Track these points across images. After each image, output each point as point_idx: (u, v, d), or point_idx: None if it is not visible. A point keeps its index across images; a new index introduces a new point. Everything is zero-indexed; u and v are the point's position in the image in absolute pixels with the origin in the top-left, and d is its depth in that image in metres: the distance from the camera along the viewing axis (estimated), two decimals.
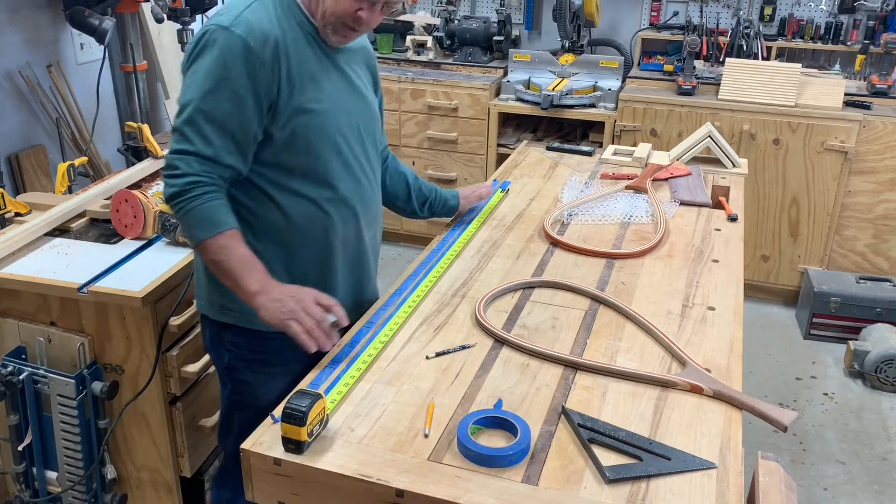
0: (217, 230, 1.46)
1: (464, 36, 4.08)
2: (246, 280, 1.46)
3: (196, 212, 1.45)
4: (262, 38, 1.44)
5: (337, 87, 1.58)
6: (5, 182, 3.31)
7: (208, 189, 1.46)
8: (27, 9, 3.42)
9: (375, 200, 1.74)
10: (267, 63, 1.45)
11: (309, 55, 1.53)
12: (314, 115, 1.53)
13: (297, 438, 1.21)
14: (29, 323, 1.93)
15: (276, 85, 1.47)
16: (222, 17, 1.46)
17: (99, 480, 2.02)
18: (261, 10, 1.48)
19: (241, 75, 1.43)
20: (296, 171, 1.55)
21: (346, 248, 1.66)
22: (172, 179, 1.46)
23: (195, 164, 1.45)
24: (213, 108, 1.44)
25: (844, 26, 3.82)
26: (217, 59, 1.43)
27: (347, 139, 1.60)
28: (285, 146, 1.52)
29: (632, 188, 2.32)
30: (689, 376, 1.42)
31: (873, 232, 3.58)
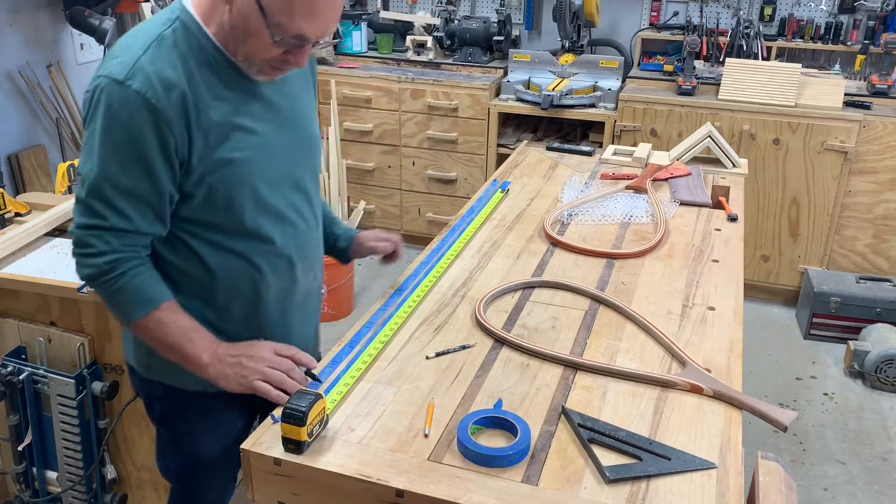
0: (152, 306, 1.33)
1: (464, 36, 4.08)
2: (193, 353, 1.35)
3: (124, 291, 1.31)
4: (165, 90, 1.24)
5: (261, 126, 1.38)
6: (5, 182, 3.31)
7: (132, 264, 1.32)
8: (27, 9, 3.42)
9: (313, 241, 1.56)
10: (173, 119, 1.25)
11: (223, 99, 1.32)
12: (234, 167, 1.33)
13: (297, 438, 1.21)
14: (29, 323, 1.93)
15: (186, 141, 1.28)
16: (114, 66, 1.25)
17: (99, 480, 2.02)
18: (160, 54, 1.26)
19: (146, 137, 1.25)
20: (220, 226, 1.38)
21: (279, 299, 1.49)
22: (88, 259, 1.30)
23: (111, 238, 1.29)
24: (120, 175, 1.27)
25: (844, 26, 3.82)
26: (115, 121, 1.24)
27: (276, 184, 1.41)
28: (205, 203, 1.35)
29: (632, 188, 2.32)
30: (689, 376, 1.42)
31: (873, 232, 3.58)
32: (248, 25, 1.25)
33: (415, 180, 4.13)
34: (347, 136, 4.09)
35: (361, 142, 4.12)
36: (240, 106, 1.34)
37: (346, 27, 4.24)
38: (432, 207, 4.15)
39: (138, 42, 1.28)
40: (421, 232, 4.21)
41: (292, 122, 1.45)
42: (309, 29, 1.25)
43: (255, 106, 1.37)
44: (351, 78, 4.02)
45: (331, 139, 3.55)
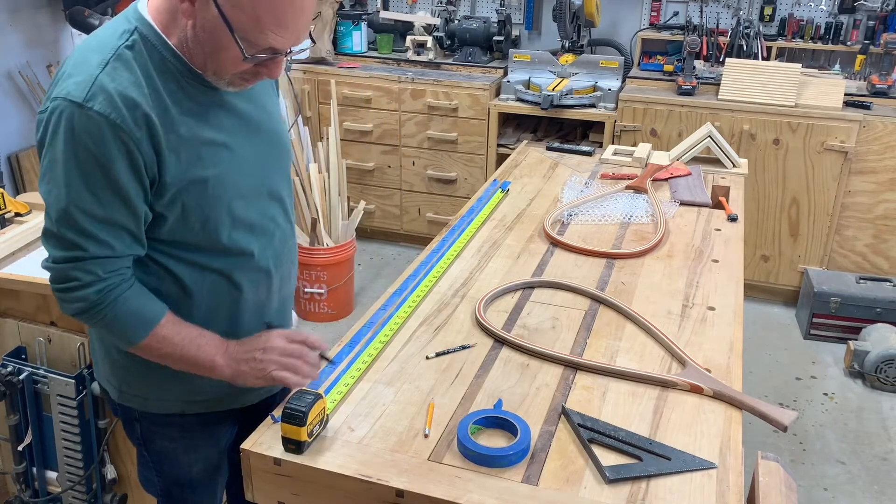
0: (153, 325, 1.28)
1: (464, 36, 4.08)
2: (205, 359, 1.31)
3: (121, 318, 1.26)
4: (130, 110, 1.16)
5: (231, 137, 1.31)
6: (5, 182, 3.31)
7: (122, 288, 1.25)
8: (27, 9, 3.42)
9: (289, 247, 1.51)
10: (141, 139, 1.18)
11: (191, 113, 1.25)
12: (208, 185, 1.27)
13: (297, 438, 1.21)
14: (29, 323, 1.93)
15: (155, 161, 1.21)
16: (72, 86, 1.16)
17: (99, 480, 2.02)
18: (120, 71, 1.17)
19: (114, 160, 1.17)
20: (195, 245, 1.32)
21: (257, 312, 1.45)
22: (75, 293, 1.23)
23: (94, 268, 1.22)
24: (93, 204, 1.19)
25: (844, 26, 3.82)
26: (79, 147, 1.16)
27: (251, 197, 1.36)
28: (179, 223, 1.29)
29: (632, 188, 2.32)
30: (689, 376, 1.42)
31: (873, 232, 3.58)
32: (215, 41, 1.18)
33: (415, 180, 4.13)
34: (347, 136, 4.09)
35: (361, 142, 4.12)
36: (208, 118, 1.28)
37: (346, 27, 4.24)
38: (432, 207, 4.15)
39: (95, 58, 1.18)
40: (421, 232, 4.21)
41: (260, 127, 1.38)
42: (279, 41, 1.19)
43: (223, 116, 1.30)
44: (351, 78, 4.02)
45: (331, 139, 3.55)
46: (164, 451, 1.51)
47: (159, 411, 1.45)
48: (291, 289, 1.58)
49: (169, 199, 1.25)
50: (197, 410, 1.46)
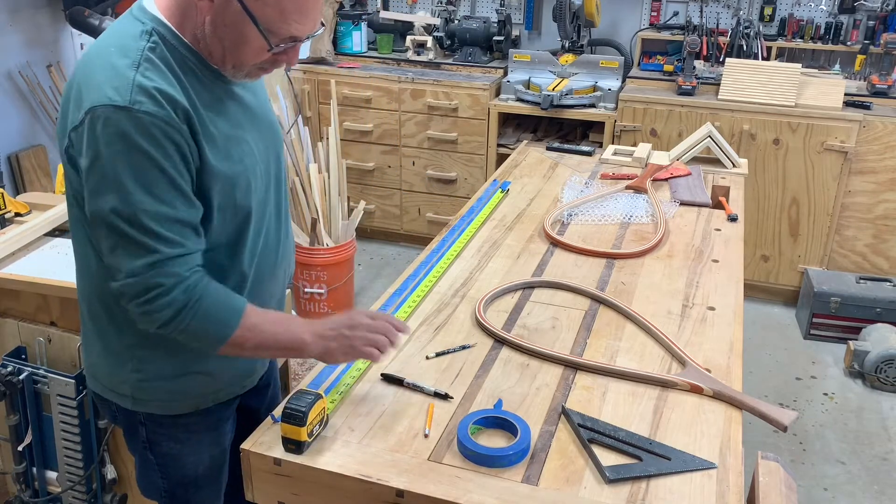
0: (241, 312, 1.26)
1: (464, 36, 4.08)
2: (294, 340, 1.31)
3: (211, 312, 1.24)
4: (172, 106, 1.17)
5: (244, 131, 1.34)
6: (5, 182, 3.31)
7: (204, 283, 1.24)
8: (27, 9, 3.42)
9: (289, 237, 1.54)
10: (186, 133, 1.19)
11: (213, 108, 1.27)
12: (235, 177, 1.29)
13: (297, 438, 1.21)
14: (29, 323, 1.93)
15: (197, 155, 1.23)
16: (110, 92, 1.15)
17: (99, 480, 2.02)
18: (152, 71, 1.18)
19: (170, 157, 1.18)
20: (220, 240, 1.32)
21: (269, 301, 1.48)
22: (162, 300, 1.19)
23: (175, 268, 1.20)
24: (157, 204, 1.18)
25: (844, 26, 3.82)
26: (132, 150, 1.15)
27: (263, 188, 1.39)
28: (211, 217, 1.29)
29: (632, 188, 2.32)
30: (689, 376, 1.42)
31: (873, 232, 3.58)
32: (237, 35, 1.20)
33: (415, 180, 4.13)
34: (347, 136, 4.09)
35: (361, 142, 4.12)
36: (225, 113, 1.29)
37: (346, 27, 4.24)
38: (432, 207, 4.15)
39: (123, 62, 1.18)
40: (421, 232, 4.21)
41: (261, 117, 1.40)
42: (301, 29, 1.22)
43: (235, 108, 1.32)
44: (351, 78, 4.02)
45: (331, 139, 3.55)
46: (171, 453, 1.49)
47: (174, 412, 1.44)
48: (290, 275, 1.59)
49: (208, 192, 1.25)
50: (208, 404, 1.45)
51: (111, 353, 1.40)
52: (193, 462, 1.50)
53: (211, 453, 1.52)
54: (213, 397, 1.46)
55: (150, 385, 1.40)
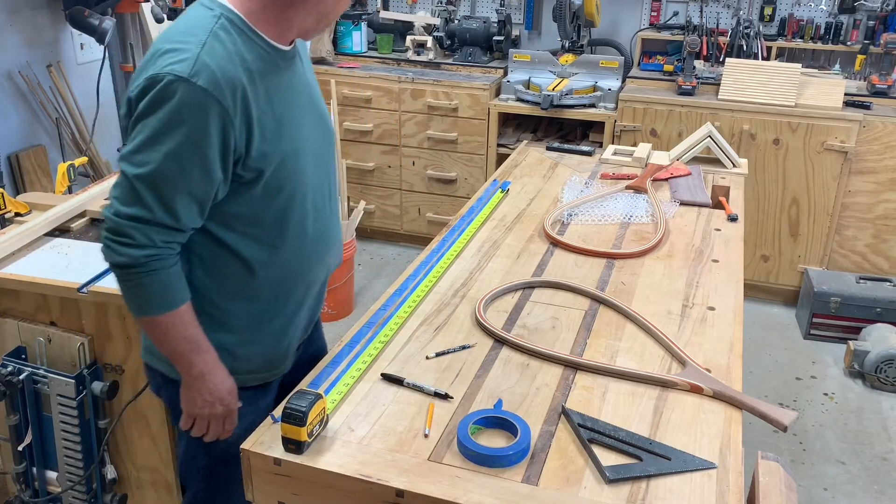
0: (170, 308, 1.34)
1: (464, 36, 4.08)
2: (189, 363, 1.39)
3: (148, 287, 1.31)
4: (230, 88, 1.25)
5: (301, 116, 1.42)
6: (5, 182, 3.31)
7: (167, 262, 1.32)
8: (27, 9, 3.42)
9: (336, 223, 1.61)
10: (237, 117, 1.27)
11: (273, 90, 1.34)
12: (285, 160, 1.37)
13: (297, 438, 1.21)
14: (29, 323, 1.93)
15: (244, 138, 1.30)
16: (175, 63, 1.23)
17: (99, 480, 2.02)
18: (218, 49, 1.26)
19: (209, 135, 1.25)
20: (264, 221, 1.40)
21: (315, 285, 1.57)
22: (124, 248, 1.28)
23: (153, 234, 1.28)
24: (177, 171, 1.26)
25: (844, 26, 3.82)
26: (178, 118, 1.23)
27: (314, 172, 1.47)
28: (253, 197, 1.37)
29: (632, 188, 2.32)
30: (689, 376, 1.42)
31: (873, 232, 3.58)
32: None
33: (415, 180, 4.13)
34: (347, 136, 4.09)
35: (361, 142, 4.12)
36: (285, 95, 1.37)
37: (346, 27, 4.24)
38: (432, 207, 4.15)
39: (192, 39, 1.26)
40: (421, 232, 4.21)
41: (315, 106, 1.49)
42: None
43: (292, 92, 1.40)
44: (351, 78, 4.02)
45: None
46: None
47: None
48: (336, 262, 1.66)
49: (253, 172, 1.33)
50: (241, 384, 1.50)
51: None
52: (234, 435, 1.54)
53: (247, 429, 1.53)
54: (250, 378, 1.53)
55: None
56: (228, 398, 1.44)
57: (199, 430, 1.47)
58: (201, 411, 1.44)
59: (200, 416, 1.44)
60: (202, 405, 1.43)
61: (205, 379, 1.41)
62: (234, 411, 1.47)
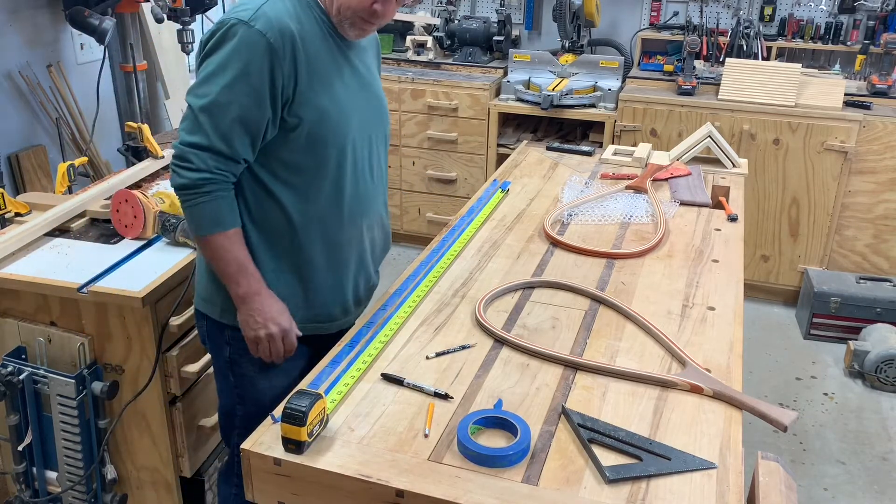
0: (220, 228, 1.50)
1: (464, 36, 4.08)
2: (235, 283, 1.53)
3: (202, 207, 1.48)
4: (281, 34, 1.44)
5: (350, 87, 1.58)
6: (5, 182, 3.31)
7: (220, 186, 1.48)
8: (27, 9, 3.42)
9: (379, 201, 1.74)
10: (286, 60, 1.45)
11: (324, 53, 1.52)
12: (327, 115, 1.53)
13: (297, 438, 1.21)
14: (29, 323, 1.93)
15: (292, 82, 1.47)
16: (240, 10, 1.45)
17: (99, 480, 2.02)
18: (279, 4, 1.47)
19: (261, 71, 1.43)
20: (305, 170, 1.55)
21: (351, 247, 1.67)
22: (184, 171, 1.47)
23: (209, 160, 1.46)
24: (232, 101, 1.44)
25: (844, 26, 3.82)
26: (236, 54, 1.43)
27: (356, 140, 1.60)
28: (296, 144, 1.53)
29: (632, 188, 2.32)
30: (689, 376, 1.42)
31: (873, 232, 3.58)
32: None
33: (415, 180, 4.13)
34: None
35: None
36: (336, 64, 1.55)
37: None
38: (432, 207, 4.15)
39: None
40: (421, 232, 4.21)
41: (371, 89, 1.66)
42: None
43: (346, 68, 1.58)
44: None
45: None
46: (247, 376, 1.68)
47: None
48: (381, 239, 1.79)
49: (296, 121, 1.50)
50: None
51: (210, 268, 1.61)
52: (268, 388, 1.67)
53: (285, 383, 1.63)
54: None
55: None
56: (278, 318, 1.55)
57: (261, 351, 1.58)
58: (256, 332, 1.55)
59: (257, 339, 1.56)
60: (255, 326, 1.55)
61: (252, 300, 1.54)
62: (287, 331, 1.57)
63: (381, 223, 1.77)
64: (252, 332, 1.56)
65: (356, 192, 1.63)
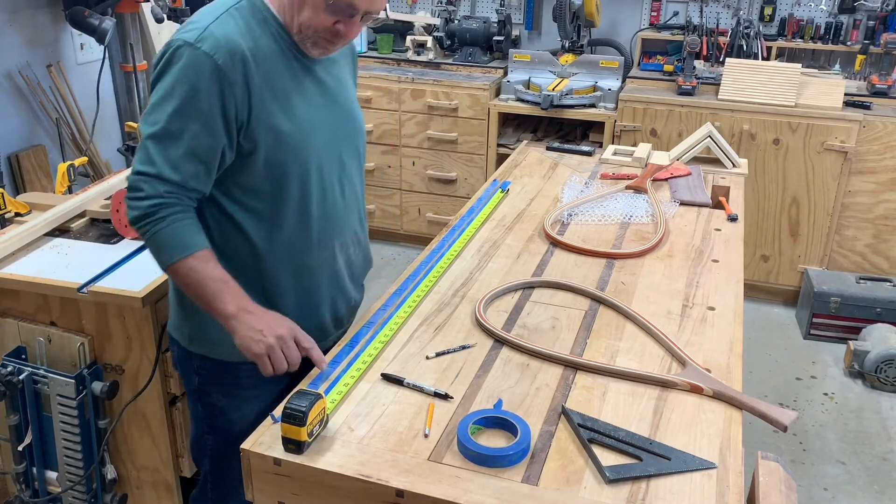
0: (186, 252, 1.39)
1: (464, 36, 4.08)
2: (220, 302, 1.40)
3: (162, 234, 1.39)
4: (231, 54, 1.36)
5: (314, 104, 1.50)
6: (5, 182, 3.31)
7: (174, 210, 1.39)
8: (27, 9, 3.42)
9: (353, 219, 1.65)
10: (237, 82, 1.37)
11: (283, 71, 1.44)
12: (286, 138, 1.44)
13: (297, 438, 1.21)
14: (29, 323, 1.93)
15: (246, 105, 1.39)
16: (187, 31, 1.37)
17: (99, 480, 2.02)
18: (229, 22, 1.38)
19: (209, 95, 1.35)
20: (267, 195, 1.47)
21: (322, 270, 1.59)
22: (136, 202, 1.39)
23: (159, 185, 1.38)
24: (181, 129, 1.36)
25: (844, 26, 3.82)
26: (183, 79, 1.35)
27: (323, 160, 1.52)
28: (255, 169, 1.44)
29: (632, 188, 2.32)
30: (689, 376, 1.42)
31: (873, 232, 3.58)
32: None
33: (415, 180, 4.13)
34: None
35: None
36: (296, 81, 1.46)
37: None
38: (432, 207, 4.15)
39: (209, 14, 1.40)
40: (421, 232, 4.21)
41: (340, 103, 1.57)
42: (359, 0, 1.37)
43: (309, 84, 1.49)
44: None
45: None
46: (218, 406, 1.61)
47: (221, 358, 1.56)
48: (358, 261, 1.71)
49: (252, 145, 1.42)
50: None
51: (179, 291, 1.55)
52: (238, 418, 1.60)
53: (257, 413, 1.58)
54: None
55: (205, 324, 1.50)
56: (276, 327, 1.42)
57: (267, 368, 1.42)
58: (258, 349, 1.40)
59: (260, 356, 1.40)
60: (257, 340, 1.40)
61: (244, 317, 1.40)
62: (285, 337, 1.41)
63: (356, 241, 1.69)
64: (254, 350, 1.41)
65: (325, 214, 1.55)
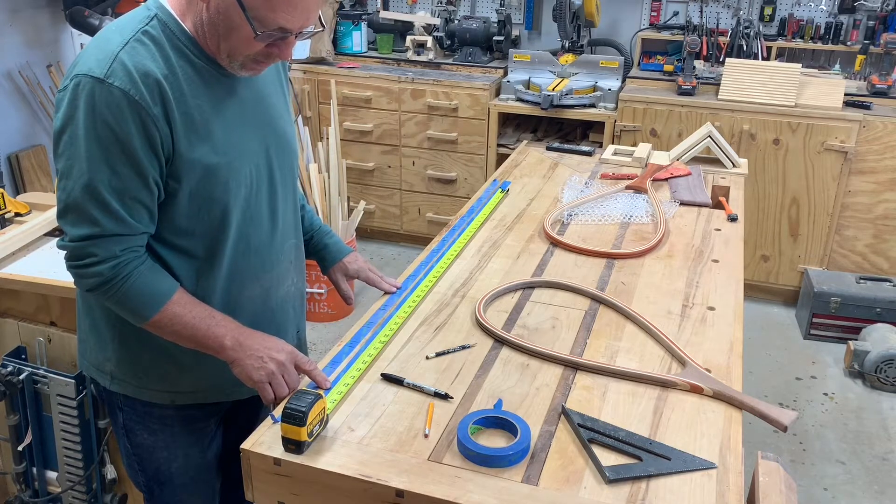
0: (164, 301, 1.31)
1: (464, 36, 4.09)
2: (213, 339, 1.34)
3: (132, 291, 1.29)
4: (146, 84, 1.21)
5: (237, 130, 1.35)
6: (5, 182, 3.31)
7: (135, 264, 1.29)
8: (27, 9, 3.42)
9: (288, 246, 1.54)
10: (158, 115, 1.23)
11: (203, 97, 1.29)
12: (213, 169, 1.31)
13: (297, 438, 1.21)
14: (29, 323, 1.93)
15: (169, 135, 1.25)
16: (93, 63, 1.21)
17: (99, 480, 2.02)
18: (139, 50, 1.23)
19: (131, 133, 1.21)
20: (195, 233, 1.35)
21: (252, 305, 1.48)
22: (90, 269, 1.27)
23: (112, 245, 1.26)
24: (111, 177, 1.22)
25: (844, 26, 3.82)
26: (99, 121, 1.20)
27: (253, 187, 1.39)
28: (181, 207, 1.32)
29: (632, 188, 2.32)
30: (689, 376, 1.42)
31: (873, 232, 3.58)
32: (228, 21, 1.23)
33: (415, 180, 4.13)
34: (347, 136, 4.09)
35: (361, 142, 4.13)
36: (218, 105, 1.32)
37: (346, 27, 4.24)
38: (432, 207, 4.15)
39: (116, 39, 1.24)
40: (421, 232, 4.21)
41: (266, 121, 1.42)
42: (290, 21, 1.23)
43: (232, 104, 1.35)
44: (351, 78, 4.02)
45: (331, 139, 3.55)
46: (144, 445, 1.52)
47: (149, 399, 1.47)
48: (295, 290, 1.60)
49: (178, 178, 1.29)
50: (185, 402, 1.47)
51: (97, 329, 1.45)
52: (167, 458, 1.51)
53: (187, 453, 1.52)
54: (192, 396, 1.48)
55: (128, 365, 1.43)
56: (273, 350, 1.36)
57: (268, 395, 1.35)
58: (259, 377, 1.34)
59: (261, 384, 1.34)
60: (258, 367, 1.34)
61: (241, 343, 1.35)
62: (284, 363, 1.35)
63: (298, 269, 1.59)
64: (256, 377, 1.34)
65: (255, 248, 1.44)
